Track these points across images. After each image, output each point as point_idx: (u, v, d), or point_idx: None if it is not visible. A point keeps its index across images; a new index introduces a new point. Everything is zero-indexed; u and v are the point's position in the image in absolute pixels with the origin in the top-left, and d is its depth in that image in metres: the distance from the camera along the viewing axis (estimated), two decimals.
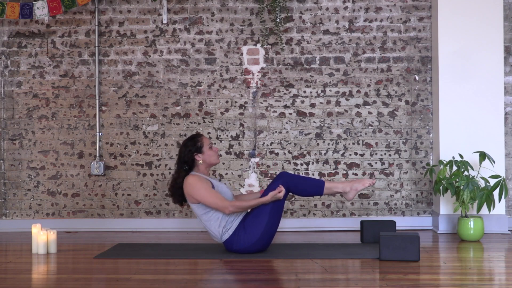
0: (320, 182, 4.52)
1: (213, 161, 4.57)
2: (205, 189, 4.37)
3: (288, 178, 4.46)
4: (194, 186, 4.39)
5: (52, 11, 5.50)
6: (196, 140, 4.55)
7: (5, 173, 5.78)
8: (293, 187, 4.46)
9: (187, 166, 4.52)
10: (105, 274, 3.91)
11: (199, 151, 4.52)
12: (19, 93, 5.78)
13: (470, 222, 4.98)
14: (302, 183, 4.49)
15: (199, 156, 4.52)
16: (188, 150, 4.52)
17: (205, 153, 4.53)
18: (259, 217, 4.38)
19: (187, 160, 4.52)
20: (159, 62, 5.75)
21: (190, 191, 4.40)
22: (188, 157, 4.52)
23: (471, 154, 5.32)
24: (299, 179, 4.50)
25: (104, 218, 5.74)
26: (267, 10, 5.66)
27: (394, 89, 5.70)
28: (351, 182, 4.57)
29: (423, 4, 5.67)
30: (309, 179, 4.54)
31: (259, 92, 5.73)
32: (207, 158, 4.54)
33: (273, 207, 4.40)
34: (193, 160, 4.52)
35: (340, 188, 4.55)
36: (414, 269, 3.91)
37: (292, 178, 4.47)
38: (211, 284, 3.65)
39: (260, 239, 4.37)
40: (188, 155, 4.51)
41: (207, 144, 4.55)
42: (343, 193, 4.57)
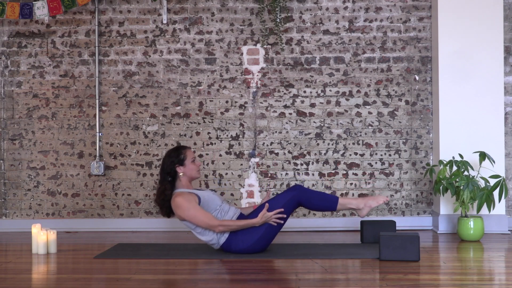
0: (333, 197, 4.49)
1: (193, 175, 4.54)
2: (193, 209, 4.34)
3: (302, 191, 4.43)
4: (181, 207, 4.36)
5: (52, 11, 5.50)
6: (180, 152, 4.54)
7: (5, 173, 5.78)
8: (306, 201, 4.44)
9: (170, 178, 4.50)
10: (105, 274, 3.91)
11: (181, 164, 4.50)
12: (19, 93, 5.78)
13: (470, 222, 4.98)
14: (315, 198, 4.46)
15: (181, 169, 4.50)
16: (170, 161, 4.50)
17: (187, 166, 4.51)
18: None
19: (169, 171, 4.50)
20: (159, 62, 5.75)
21: (179, 212, 4.39)
22: (170, 168, 4.50)
23: (471, 154, 5.32)
24: (312, 193, 4.46)
25: (104, 218, 5.74)
26: (267, 10, 5.67)
27: (394, 89, 5.70)
28: (365, 199, 4.56)
29: (423, 4, 5.67)
30: (323, 194, 4.51)
31: (259, 92, 5.73)
32: (188, 171, 4.51)
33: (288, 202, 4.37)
34: (175, 172, 4.50)
35: (354, 204, 4.54)
36: (414, 269, 3.91)
37: (305, 192, 4.44)
38: (211, 284, 3.65)
39: (260, 240, 4.37)
40: (170, 166, 4.50)
41: (190, 157, 4.53)
42: (357, 209, 4.56)
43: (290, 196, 4.41)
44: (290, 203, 4.41)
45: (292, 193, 4.42)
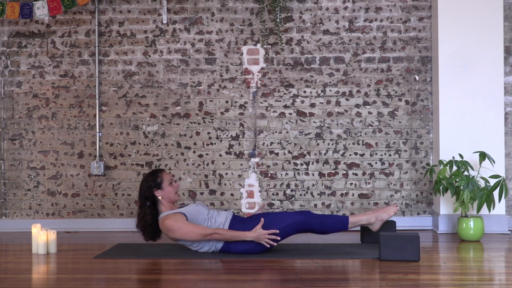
0: (344, 218, 4.47)
1: (172, 197, 4.50)
2: (184, 227, 4.31)
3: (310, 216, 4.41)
4: (172, 229, 4.33)
5: (52, 11, 5.50)
6: (157, 175, 4.50)
7: (5, 173, 5.78)
8: (317, 226, 4.42)
9: (149, 202, 4.47)
10: (105, 274, 3.90)
11: (158, 187, 4.47)
12: (19, 93, 5.78)
13: (470, 222, 4.98)
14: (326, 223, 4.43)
15: (159, 192, 4.46)
16: (147, 186, 4.47)
17: (165, 189, 4.47)
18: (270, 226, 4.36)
19: (147, 196, 4.46)
20: (159, 62, 5.75)
21: (171, 234, 4.36)
22: (148, 193, 4.46)
23: (471, 154, 5.32)
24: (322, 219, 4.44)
25: (104, 218, 5.74)
26: (267, 10, 5.66)
27: (394, 89, 5.70)
28: (375, 212, 4.55)
29: (423, 4, 5.67)
30: (332, 217, 4.48)
31: (259, 92, 5.73)
32: (166, 194, 4.48)
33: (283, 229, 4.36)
34: (154, 196, 4.47)
35: (365, 220, 4.53)
36: (414, 269, 3.91)
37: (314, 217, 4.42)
38: (211, 284, 3.65)
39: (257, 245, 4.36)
40: (148, 190, 4.46)
41: (167, 180, 4.49)
42: (368, 224, 4.57)
43: (299, 219, 4.39)
44: (294, 226, 4.40)
45: (301, 217, 4.40)
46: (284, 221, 4.38)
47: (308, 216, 4.42)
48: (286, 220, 4.39)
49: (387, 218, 4.56)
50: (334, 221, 4.46)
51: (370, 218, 4.54)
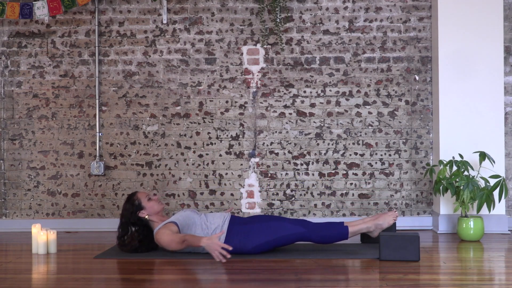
0: (344, 229, 4.45)
1: (156, 209, 4.52)
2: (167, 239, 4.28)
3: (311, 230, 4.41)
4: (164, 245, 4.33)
5: (52, 11, 5.50)
6: (133, 199, 4.54)
7: (5, 173, 5.78)
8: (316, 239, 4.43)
9: (137, 227, 4.48)
10: (105, 274, 3.90)
11: (140, 208, 4.50)
12: (19, 93, 5.78)
13: (470, 222, 4.97)
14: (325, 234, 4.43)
15: (143, 213, 4.50)
16: (130, 213, 4.50)
17: (147, 207, 4.51)
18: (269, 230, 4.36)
19: (134, 221, 4.49)
20: (159, 62, 5.75)
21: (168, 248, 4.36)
22: (134, 218, 4.49)
23: (471, 154, 5.32)
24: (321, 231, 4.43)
25: (104, 218, 5.74)
26: (267, 10, 5.66)
27: (394, 89, 5.70)
28: (375, 219, 4.55)
29: (423, 4, 5.67)
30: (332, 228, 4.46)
31: (259, 92, 5.73)
32: (151, 210, 4.51)
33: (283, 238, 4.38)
34: (140, 219, 4.50)
35: (364, 228, 4.53)
36: (414, 269, 3.91)
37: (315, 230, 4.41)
38: (211, 284, 3.65)
39: (262, 246, 4.36)
40: (132, 217, 4.49)
41: (144, 198, 4.53)
42: (368, 232, 4.58)
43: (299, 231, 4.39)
44: (295, 237, 4.41)
45: (303, 230, 4.40)
46: (287, 230, 4.40)
47: (309, 229, 4.42)
48: (288, 230, 4.40)
49: (386, 226, 4.57)
50: (335, 233, 4.45)
51: (369, 226, 4.55)
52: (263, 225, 4.42)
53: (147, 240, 4.50)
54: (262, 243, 4.37)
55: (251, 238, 4.36)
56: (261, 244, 4.37)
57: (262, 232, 4.37)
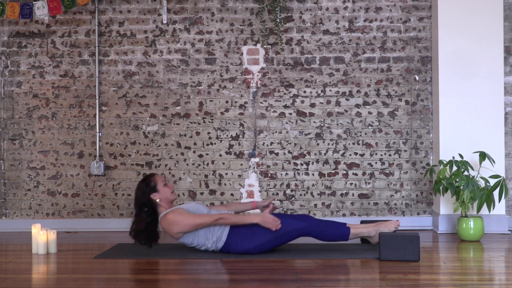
0: (345, 230, 4.47)
1: (169, 197, 4.52)
2: (188, 218, 4.33)
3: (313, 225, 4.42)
4: (175, 222, 4.35)
5: (52, 11, 5.50)
6: (149, 180, 4.53)
7: (5, 173, 5.78)
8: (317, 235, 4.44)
9: (147, 208, 4.48)
10: (105, 274, 3.91)
11: (154, 191, 4.49)
12: (19, 93, 5.78)
13: (470, 222, 4.97)
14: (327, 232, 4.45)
15: (155, 195, 4.48)
16: (143, 192, 4.49)
17: (161, 191, 4.50)
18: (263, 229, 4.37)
19: (145, 202, 4.48)
20: (159, 62, 5.75)
21: (176, 228, 4.36)
22: (145, 199, 4.48)
23: (471, 154, 5.32)
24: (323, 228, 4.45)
25: (104, 218, 5.74)
26: (267, 10, 5.66)
27: (394, 89, 5.70)
28: (376, 226, 4.56)
29: (423, 4, 5.67)
30: (334, 227, 4.49)
31: (259, 92, 5.73)
32: (163, 196, 4.50)
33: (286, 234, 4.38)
34: (151, 200, 4.48)
35: (365, 233, 4.55)
36: (414, 269, 3.91)
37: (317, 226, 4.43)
38: (211, 284, 3.65)
39: (263, 245, 4.37)
40: (144, 197, 4.48)
41: (161, 182, 4.52)
42: (368, 237, 4.59)
43: (301, 226, 4.40)
44: (298, 232, 4.41)
45: (304, 224, 4.41)
46: (287, 226, 4.40)
47: (310, 223, 4.43)
48: (289, 226, 4.40)
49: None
50: (336, 232, 4.48)
51: (370, 231, 4.56)
52: None
53: (152, 226, 4.47)
54: (263, 242, 4.36)
55: (252, 237, 4.36)
56: (262, 243, 4.36)
57: (263, 231, 4.37)
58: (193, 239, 4.42)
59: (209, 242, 4.41)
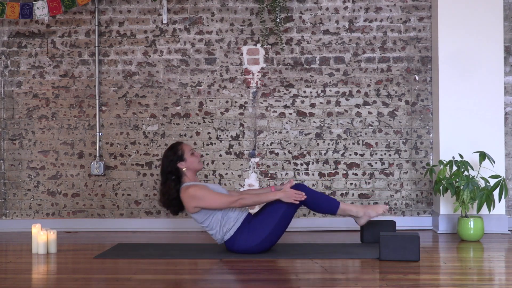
0: (335, 202, 4.51)
1: (196, 166, 4.53)
2: (209, 195, 4.35)
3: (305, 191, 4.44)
4: (196, 196, 4.36)
5: (52, 11, 5.50)
6: (177, 148, 4.52)
7: (5, 173, 5.78)
8: (308, 202, 4.45)
9: (174, 176, 4.48)
10: (105, 274, 3.91)
11: (181, 159, 4.49)
12: (19, 93, 5.78)
13: (470, 222, 4.97)
14: (318, 199, 4.48)
15: (182, 164, 4.48)
16: (170, 161, 4.49)
17: (188, 160, 4.50)
18: (268, 219, 4.37)
19: (171, 170, 4.48)
20: (159, 62, 5.75)
21: (194, 202, 4.36)
22: (172, 167, 4.48)
23: (471, 154, 5.32)
24: (315, 194, 4.49)
25: (104, 218, 5.74)
26: (267, 10, 5.66)
27: (394, 89, 5.70)
28: (365, 207, 4.60)
29: (423, 4, 5.67)
30: (325, 197, 4.54)
31: (259, 92, 5.73)
32: (190, 165, 4.50)
33: (285, 212, 4.38)
34: (178, 169, 4.49)
35: (354, 212, 4.57)
36: (414, 269, 3.91)
37: (309, 193, 4.45)
38: (211, 284, 3.65)
39: (264, 242, 4.37)
40: (171, 165, 4.48)
41: (188, 151, 4.52)
42: (356, 217, 4.60)
43: None
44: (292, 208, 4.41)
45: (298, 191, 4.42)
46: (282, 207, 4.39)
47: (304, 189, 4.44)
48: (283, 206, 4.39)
49: (374, 215, 4.60)
50: (325, 202, 4.50)
51: (358, 211, 4.59)
52: (260, 217, 4.41)
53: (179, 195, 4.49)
54: (264, 237, 4.35)
55: (256, 231, 4.35)
56: (269, 233, 4.35)
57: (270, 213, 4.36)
58: (207, 219, 4.42)
59: (220, 229, 4.40)
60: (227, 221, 4.40)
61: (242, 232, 4.38)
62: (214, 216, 4.40)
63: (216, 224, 4.41)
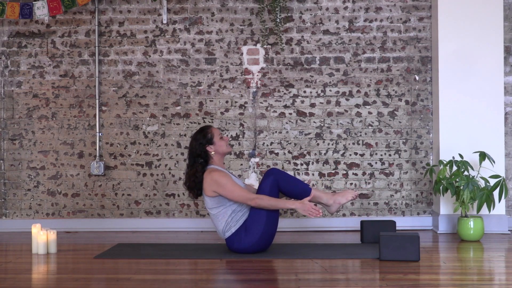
0: (307, 188, 4.46)
1: (225, 150, 4.53)
2: (230, 184, 4.35)
3: (279, 175, 4.43)
4: (218, 181, 4.35)
5: (52, 11, 5.50)
6: (206, 132, 4.52)
7: (5, 173, 5.78)
8: (282, 185, 4.42)
9: (202, 159, 4.49)
10: (105, 274, 3.91)
11: (210, 143, 4.49)
12: (19, 93, 5.78)
13: (470, 222, 4.98)
14: (292, 184, 4.44)
15: (211, 148, 4.49)
16: (199, 144, 4.49)
17: (216, 143, 4.50)
18: (257, 217, 4.37)
19: (199, 153, 4.48)
20: (159, 62, 5.75)
21: (214, 187, 4.36)
22: (201, 150, 4.48)
23: (471, 154, 5.32)
24: (289, 179, 4.45)
25: (104, 218, 5.74)
26: (267, 10, 5.66)
27: (394, 89, 5.70)
28: (334, 195, 4.52)
29: (423, 4, 5.67)
30: (299, 182, 4.48)
31: (259, 92, 5.73)
32: (219, 149, 4.51)
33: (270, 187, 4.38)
34: (206, 152, 4.49)
35: (324, 199, 4.52)
36: (414, 269, 3.91)
37: (283, 176, 4.43)
38: (211, 284, 3.65)
39: (260, 240, 4.37)
40: (199, 148, 4.48)
41: (217, 135, 4.53)
42: (326, 205, 4.54)
43: (272, 181, 4.40)
44: (275, 188, 4.41)
45: (272, 177, 4.40)
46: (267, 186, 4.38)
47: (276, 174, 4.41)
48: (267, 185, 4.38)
49: (344, 202, 4.51)
50: (299, 188, 4.45)
51: (328, 199, 4.51)
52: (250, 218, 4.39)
53: None
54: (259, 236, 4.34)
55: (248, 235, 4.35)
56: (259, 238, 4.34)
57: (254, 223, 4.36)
58: (218, 207, 4.41)
59: (225, 223, 4.39)
60: (233, 218, 4.39)
61: (240, 232, 4.38)
62: (225, 209, 4.40)
63: (223, 217, 4.40)
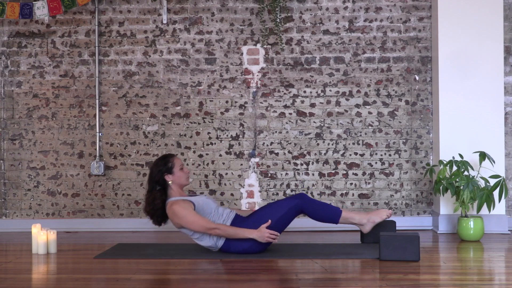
0: (337, 211, 4.48)
1: (182, 182, 4.51)
2: (190, 216, 4.32)
3: (306, 200, 4.42)
4: (178, 215, 4.34)
5: (52, 11, 5.50)
6: (168, 160, 4.51)
7: (5, 173, 5.78)
8: (309, 211, 4.43)
9: (159, 187, 4.48)
10: (105, 274, 3.91)
11: (169, 172, 4.48)
12: (19, 93, 5.78)
13: (470, 222, 4.98)
14: (319, 208, 4.45)
15: (169, 177, 4.47)
16: (158, 170, 4.48)
17: (175, 174, 4.49)
18: (262, 221, 4.36)
19: (157, 180, 4.47)
20: (159, 62, 5.75)
21: (176, 220, 4.37)
22: (159, 177, 4.47)
23: (471, 154, 5.32)
24: (316, 203, 4.46)
25: (104, 218, 5.74)
26: (267, 10, 5.67)
27: (394, 89, 5.70)
28: (368, 214, 4.57)
29: (423, 4, 5.67)
30: (327, 206, 4.49)
31: (259, 92, 5.73)
32: (176, 179, 4.49)
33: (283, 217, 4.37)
34: (164, 181, 4.48)
35: (356, 219, 4.54)
36: (414, 269, 3.91)
37: (309, 201, 4.44)
38: (211, 284, 3.65)
39: (258, 242, 4.36)
40: (158, 175, 4.47)
41: (178, 165, 4.51)
42: (359, 225, 4.57)
43: (294, 204, 4.40)
44: (293, 211, 4.40)
45: (296, 201, 4.41)
46: (286, 206, 4.38)
47: (303, 200, 4.43)
48: (287, 205, 4.39)
49: (379, 221, 4.58)
50: (327, 211, 4.47)
51: (362, 218, 4.55)
52: (258, 216, 4.40)
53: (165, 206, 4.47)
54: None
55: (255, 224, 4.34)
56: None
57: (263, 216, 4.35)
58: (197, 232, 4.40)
59: (210, 238, 4.38)
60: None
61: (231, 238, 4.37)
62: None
63: (205, 237, 4.40)
